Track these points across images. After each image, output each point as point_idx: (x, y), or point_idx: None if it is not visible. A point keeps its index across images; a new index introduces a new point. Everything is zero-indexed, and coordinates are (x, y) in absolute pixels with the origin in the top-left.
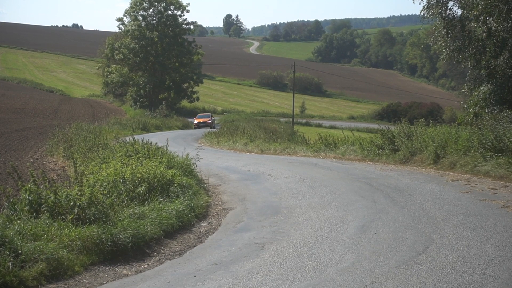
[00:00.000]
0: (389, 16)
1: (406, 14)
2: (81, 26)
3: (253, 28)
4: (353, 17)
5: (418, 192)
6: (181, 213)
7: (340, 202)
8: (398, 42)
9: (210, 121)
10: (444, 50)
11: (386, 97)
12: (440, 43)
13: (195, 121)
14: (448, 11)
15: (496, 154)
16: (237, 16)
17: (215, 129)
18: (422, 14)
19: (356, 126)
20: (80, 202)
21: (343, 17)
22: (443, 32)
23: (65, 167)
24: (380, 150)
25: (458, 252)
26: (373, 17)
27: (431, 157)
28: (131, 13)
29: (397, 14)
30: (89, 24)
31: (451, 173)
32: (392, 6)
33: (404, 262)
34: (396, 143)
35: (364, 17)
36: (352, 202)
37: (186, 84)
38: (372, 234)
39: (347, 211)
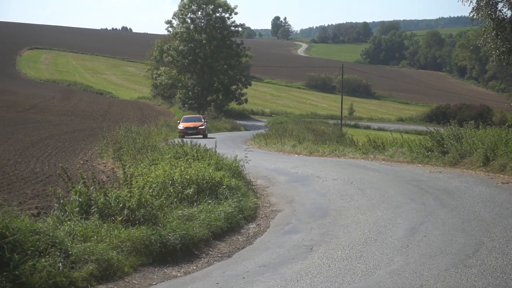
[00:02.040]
0: (438, 17)
1: (455, 16)
2: (130, 29)
3: (301, 30)
4: (401, 19)
5: (468, 194)
6: (230, 214)
7: (389, 204)
8: (447, 43)
9: (203, 127)
10: (493, 52)
11: (435, 99)
12: (489, 45)
13: (181, 126)
14: (497, 13)
15: None
16: (285, 18)
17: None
18: (471, 15)
19: (404, 128)
20: (130, 204)
21: (391, 19)
22: (493, 34)
23: (115, 169)
24: (429, 152)
25: (508, 256)
26: (422, 18)
27: (481, 159)
28: (180, 16)
29: (446, 16)
30: (138, 27)
31: (501, 175)
32: (441, 7)
33: (454, 265)
34: (445, 146)
35: (413, 18)
36: (401, 204)
37: (234, 86)
38: (421, 236)
39: (396, 213)
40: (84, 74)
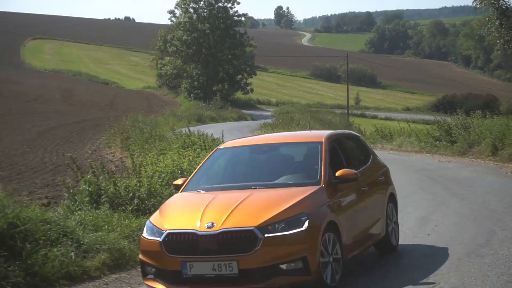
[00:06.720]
0: (441, 7)
1: (459, 5)
2: (133, 19)
3: (304, 20)
4: (404, 8)
5: (478, 184)
6: None
7: (398, 194)
8: (451, 33)
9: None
10: (498, 41)
11: (441, 88)
12: (493, 34)
13: None
14: (501, 1)
15: None
16: (287, 8)
17: None
18: (474, 4)
19: (411, 117)
20: (140, 193)
21: (394, 8)
22: (497, 23)
23: (123, 158)
24: (437, 142)
25: None
26: (425, 8)
27: (489, 149)
28: (182, 6)
29: (449, 5)
30: (141, 16)
31: (510, 165)
32: None
33: (466, 254)
34: (453, 135)
35: (416, 8)
36: (411, 194)
37: (239, 76)
38: (432, 226)
39: (406, 203)
40: (89, 64)
